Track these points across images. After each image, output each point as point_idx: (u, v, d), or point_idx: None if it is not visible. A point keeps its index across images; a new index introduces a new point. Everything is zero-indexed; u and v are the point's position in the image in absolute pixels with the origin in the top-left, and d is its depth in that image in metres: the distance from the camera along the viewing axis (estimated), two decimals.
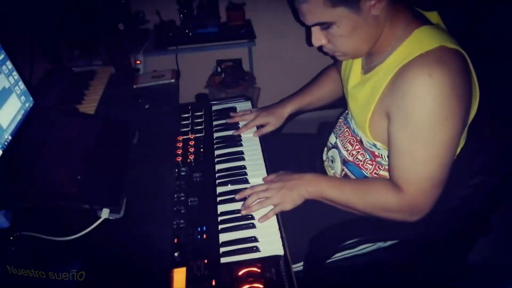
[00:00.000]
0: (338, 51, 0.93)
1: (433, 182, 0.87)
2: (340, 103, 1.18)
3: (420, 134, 0.84)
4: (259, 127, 1.26)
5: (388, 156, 0.95)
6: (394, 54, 0.89)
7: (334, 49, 0.93)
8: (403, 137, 0.87)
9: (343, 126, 1.13)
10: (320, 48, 0.96)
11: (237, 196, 0.98)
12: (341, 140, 1.11)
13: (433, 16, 0.94)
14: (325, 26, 0.87)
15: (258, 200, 0.96)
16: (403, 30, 0.88)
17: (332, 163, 1.15)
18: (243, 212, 0.93)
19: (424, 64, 0.81)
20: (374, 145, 0.99)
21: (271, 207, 0.95)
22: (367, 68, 0.99)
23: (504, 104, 0.95)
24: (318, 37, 0.91)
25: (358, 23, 0.85)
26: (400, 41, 0.88)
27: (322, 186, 0.98)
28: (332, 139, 1.17)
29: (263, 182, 1.02)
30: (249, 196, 0.97)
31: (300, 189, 0.97)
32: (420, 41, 0.85)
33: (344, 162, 1.09)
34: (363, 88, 0.98)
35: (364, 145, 1.02)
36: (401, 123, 0.86)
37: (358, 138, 1.04)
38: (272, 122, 1.27)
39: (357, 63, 1.05)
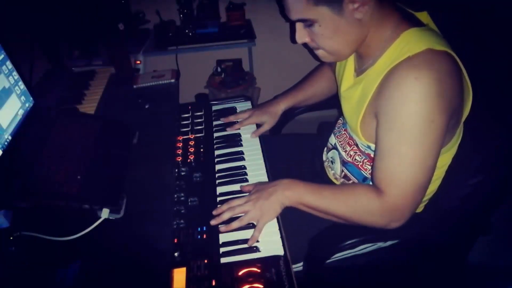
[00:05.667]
0: (321, 49, 0.92)
1: (416, 185, 0.86)
2: (339, 103, 1.18)
3: (405, 137, 0.83)
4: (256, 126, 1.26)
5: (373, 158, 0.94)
6: (383, 56, 0.89)
7: (318, 47, 0.92)
8: (389, 139, 0.86)
9: (342, 127, 1.13)
10: (306, 45, 0.95)
11: (214, 212, 0.93)
12: (340, 141, 1.11)
13: (423, 16, 0.93)
14: (308, 23, 0.87)
15: (238, 218, 0.91)
16: (391, 33, 0.88)
17: (332, 164, 1.15)
18: (222, 229, 0.89)
19: (410, 67, 0.81)
20: (369, 147, 0.98)
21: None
22: (359, 71, 0.99)
23: (504, 103, 0.95)
24: (302, 34, 0.91)
25: (340, 24, 0.84)
26: (388, 43, 0.88)
27: (300, 190, 0.93)
28: (332, 140, 1.17)
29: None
30: (225, 212, 0.92)
31: (278, 194, 0.92)
32: (408, 44, 0.84)
33: (344, 163, 1.09)
34: (355, 91, 0.98)
35: (360, 147, 1.02)
36: (387, 125, 0.85)
37: (354, 141, 1.04)
38: (267, 121, 1.28)
39: (350, 66, 1.04)
